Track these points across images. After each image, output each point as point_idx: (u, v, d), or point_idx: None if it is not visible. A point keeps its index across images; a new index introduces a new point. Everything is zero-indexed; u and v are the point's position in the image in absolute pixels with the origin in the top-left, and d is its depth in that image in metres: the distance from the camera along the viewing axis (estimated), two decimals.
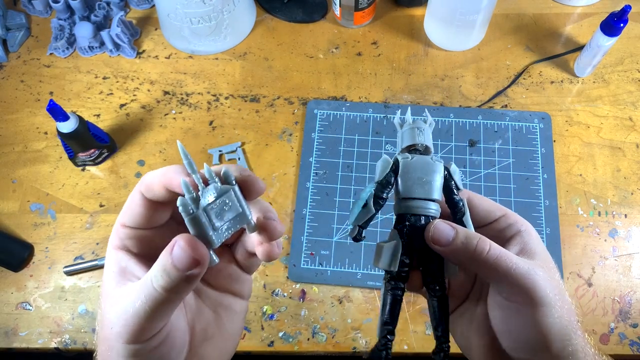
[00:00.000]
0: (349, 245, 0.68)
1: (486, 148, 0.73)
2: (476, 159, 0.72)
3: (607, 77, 0.78)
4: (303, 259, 0.67)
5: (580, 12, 0.83)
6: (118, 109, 0.78)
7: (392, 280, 0.40)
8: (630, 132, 0.74)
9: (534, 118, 0.74)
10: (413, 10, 0.85)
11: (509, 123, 0.74)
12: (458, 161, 0.72)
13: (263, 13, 0.86)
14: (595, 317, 0.64)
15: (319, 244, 0.68)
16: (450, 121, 0.75)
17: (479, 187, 0.70)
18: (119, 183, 0.73)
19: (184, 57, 0.82)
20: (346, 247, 0.68)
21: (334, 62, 0.81)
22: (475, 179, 0.71)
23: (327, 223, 0.69)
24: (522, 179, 0.71)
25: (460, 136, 0.74)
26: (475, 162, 0.72)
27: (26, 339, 0.65)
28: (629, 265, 0.66)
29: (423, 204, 0.40)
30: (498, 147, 0.73)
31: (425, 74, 0.79)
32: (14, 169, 0.75)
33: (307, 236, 0.69)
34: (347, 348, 0.64)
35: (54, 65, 0.82)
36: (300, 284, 0.67)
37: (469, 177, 0.71)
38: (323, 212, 0.70)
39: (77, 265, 0.67)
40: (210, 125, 0.77)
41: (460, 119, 0.75)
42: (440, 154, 0.72)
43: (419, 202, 0.40)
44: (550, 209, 0.69)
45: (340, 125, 0.75)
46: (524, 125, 0.74)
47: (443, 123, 0.75)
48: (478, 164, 0.72)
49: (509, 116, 0.75)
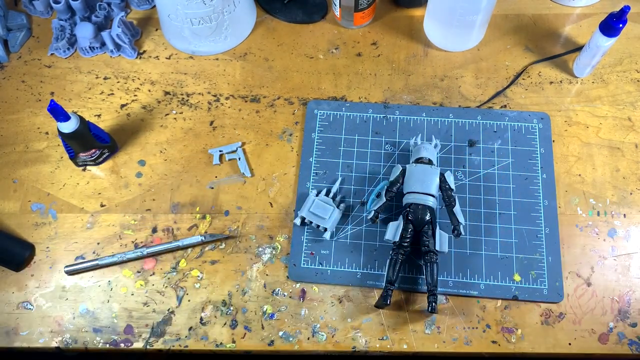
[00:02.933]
0: (349, 245, 0.68)
1: (485, 148, 0.73)
2: (475, 159, 0.72)
3: (606, 78, 0.78)
4: (303, 259, 0.68)
5: (579, 12, 0.84)
6: (119, 109, 0.79)
7: (395, 248, 0.63)
8: (629, 132, 0.74)
9: (533, 118, 0.75)
10: (413, 10, 0.85)
11: (508, 123, 0.74)
12: (457, 161, 0.72)
13: (263, 14, 0.86)
14: (595, 316, 0.64)
15: (319, 244, 0.68)
16: (450, 121, 0.75)
17: (478, 187, 0.71)
18: (120, 183, 0.73)
19: (185, 57, 0.82)
20: (346, 246, 0.68)
21: (334, 63, 0.81)
22: (475, 179, 0.71)
23: None
24: (521, 179, 0.71)
25: (460, 136, 0.74)
26: (475, 162, 0.72)
27: (27, 339, 0.65)
28: (628, 264, 0.66)
29: (421, 196, 0.64)
30: (497, 147, 0.73)
31: (425, 74, 0.80)
32: (15, 169, 0.75)
33: (307, 236, 0.69)
34: (347, 347, 0.64)
35: (55, 65, 0.82)
36: (300, 283, 0.67)
37: (468, 177, 0.71)
38: None
39: (78, 265, 0.68)
40: (211, 126, 0.77)
41: (459, 119, 0.75)
42: (439, 154, 0.72)
43: (418, 195, 0.64)
44: (550, 209, 0.69)
45: (340, 125, 0.75)
46: (523, 126, 0.74)
47: (442, 123, 0.75)
48: (477, 164, 0.72)
49: (508, 116, 0.75)
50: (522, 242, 0.67)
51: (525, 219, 0.68)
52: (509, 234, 0.68)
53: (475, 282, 0.66)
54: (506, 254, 0.67)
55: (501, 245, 0.67)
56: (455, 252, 0.67)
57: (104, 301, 0.67)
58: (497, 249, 0.67)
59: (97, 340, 0.65)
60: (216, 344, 0.64)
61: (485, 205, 0.69)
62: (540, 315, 0.64)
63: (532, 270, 0.66)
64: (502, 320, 0.64)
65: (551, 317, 0.64)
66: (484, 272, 0.66)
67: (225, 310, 0.66)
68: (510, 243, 0.67)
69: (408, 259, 0.66)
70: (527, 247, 0.67)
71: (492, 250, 0.67)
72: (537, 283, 0.65)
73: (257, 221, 0.70)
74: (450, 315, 0.65)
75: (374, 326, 0.64)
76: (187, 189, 0.73)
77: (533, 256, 0.67)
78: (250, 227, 0.70)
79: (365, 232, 0.69)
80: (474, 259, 0.67)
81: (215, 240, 0.69)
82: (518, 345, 0.63)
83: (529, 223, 0.68)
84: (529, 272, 0.66)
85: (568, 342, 0.63)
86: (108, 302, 0.67)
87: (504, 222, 0.68)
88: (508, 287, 0.65)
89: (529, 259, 0.66)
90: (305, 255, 0.68)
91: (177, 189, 0.73)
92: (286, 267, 0.68)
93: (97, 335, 0.65)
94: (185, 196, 0.72)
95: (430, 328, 0.64)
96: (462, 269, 0.66)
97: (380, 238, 0.68)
